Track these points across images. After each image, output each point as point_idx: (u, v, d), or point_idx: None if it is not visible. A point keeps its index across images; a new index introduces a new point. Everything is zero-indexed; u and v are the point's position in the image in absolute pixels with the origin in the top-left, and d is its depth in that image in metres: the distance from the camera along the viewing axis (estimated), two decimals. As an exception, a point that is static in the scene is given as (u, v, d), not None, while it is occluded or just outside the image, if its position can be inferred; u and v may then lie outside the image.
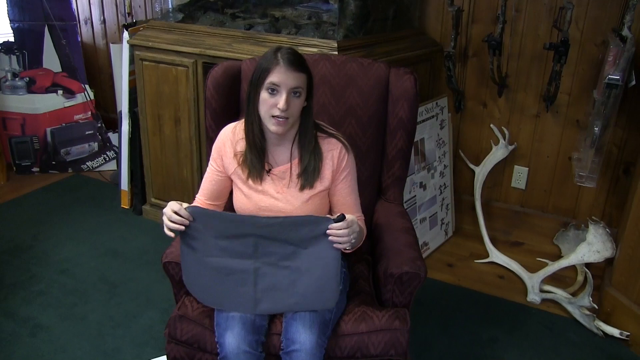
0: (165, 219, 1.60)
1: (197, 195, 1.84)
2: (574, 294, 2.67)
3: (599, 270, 2.76)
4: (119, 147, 3.37)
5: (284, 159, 1.74)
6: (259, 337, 1.64)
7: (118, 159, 3.43)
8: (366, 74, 2.09)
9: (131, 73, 3.16)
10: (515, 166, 3.10)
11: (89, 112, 3.96)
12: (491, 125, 3.05)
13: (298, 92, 1.62)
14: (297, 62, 1.61)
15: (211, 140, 2.08)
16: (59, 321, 2.47)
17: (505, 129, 3.02)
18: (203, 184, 1.83)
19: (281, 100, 1.59)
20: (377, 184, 2.16)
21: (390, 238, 1.91)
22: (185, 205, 1.61)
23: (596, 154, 2.60)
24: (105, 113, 4.29)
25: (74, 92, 3.91)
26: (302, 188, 1.73)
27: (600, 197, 2.94)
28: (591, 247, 2.54)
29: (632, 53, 2.36)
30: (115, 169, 3.95)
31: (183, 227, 1.60)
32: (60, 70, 3.90)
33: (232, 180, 1.79)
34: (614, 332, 2.41)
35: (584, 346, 2.40)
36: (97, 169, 3.97)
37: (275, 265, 1.62)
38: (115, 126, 4.15)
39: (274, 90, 1.60)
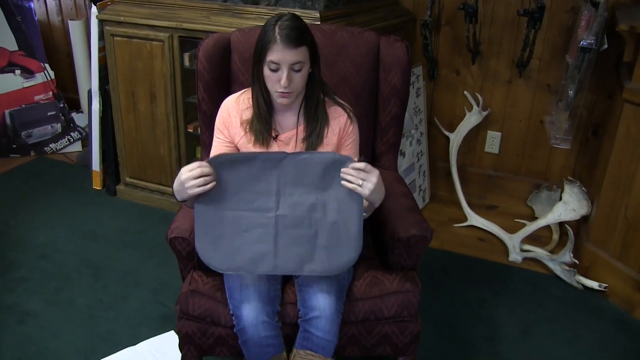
0: (189, 183, 1.51)
1: None
2: (551, 252, 2.79)
3: (572, 228, 2.88)
4: (90, 127, 3.26)
5: (290, 125, 1.75)
6: (275, 307, 1.66)
7: (89, 139, 3.32)
8: (357, 42, 2.09)
9: (100, 49, 3.05)
10: (489, 131, 3.18)
11: (50, 93, 3.80)
12: (465, 92, 3.11)
13: (299, 67, 1.61)
14: (295, 36, 1.58)
15: (204, 113, 2.07)
16: (46, 307, 2.40)
17: (478, 95, 3.08)
18: None
19: (282, 77, 1.60)
20: (371, 151, 2.18)
21: (391, 203, 1.94)
22: (203, 163, 1.53)
23: (569, 116, 2.70)
24: (64, 93, 4.12)
25: (33, 71, 3.74)
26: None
27: (570, 159, 3.06)
28: (567, 206, 2.65)
29: (604, 18, 2.44)
30: (81, 150, 3.84)
31: (210, 186, 1.52)
32: (16, 48, 3.72)
33: (239, 150, 1.78)
34: (593, 284, 2.53)
35: (566, 300, 2.51)
36: (61, 151, 3.83)
37: (296, 216, 1.56)
38: (77, 106, 4.03)
39: (274, 67, 1.60)
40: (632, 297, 2.42)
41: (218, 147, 1.79)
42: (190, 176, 1.51)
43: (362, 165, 1.53)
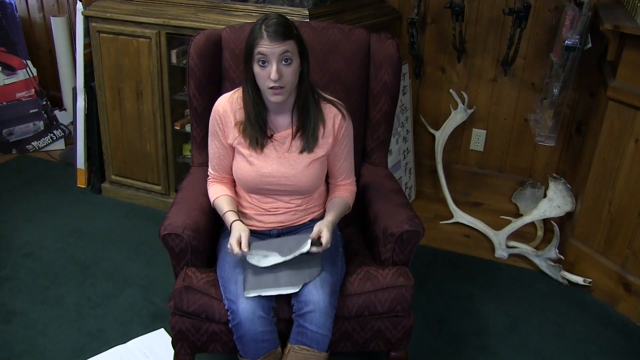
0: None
1: (210, 171, 1.87)
2: (537, 248, 2.83)
3: (556, 225, 2.92)
4: (74, 125, 3.23)
5: (285, 125, 1.76)
6: (270, 302, 1.66)
7: (73, 136, 3.29)
8: (347, 40, 2.10)
9: (85, 46, 3.02)
10: (474, 129, 3.21)
11: (33, 90, 3.75)
12: (450, 90, 3.13)
13: (288, 60, 1.62)
14: (282, 30, 1.60)
15: (195, 109, 2.07)
16: (33, 306, 2.37)
17: (464, 93, 3.11)
18: (212, 161, 1.86)
19: (272, 71, 1.60)
20: (362, 148, 2.20)
21: (383, 199, 1.96)
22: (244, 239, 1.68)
23: (554, 114, 2.74)
24: (45, 90, 4.06)
25: (15, 68, 3.69)
26: (301, 151, 1.75)
27: (554, 156, 3.11)
28: (552, 202, 2.69)
29: (588, 17, 2.49)
30: (64, 148, 3.79)
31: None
32: (-3, 45, 3.68)
33: (234, 150, 1.79)
34: (578, 280, 2.57)
35: (552, 295, 2.55)
36: (44, 149, 3.78)
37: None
38: (60, 104, 3.99)
39: (264, 62, 1.62)
40: (615, 291, 2.47)
41: (216, 149, 1.83)
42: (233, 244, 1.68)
43: (320, 249, 1.68)
